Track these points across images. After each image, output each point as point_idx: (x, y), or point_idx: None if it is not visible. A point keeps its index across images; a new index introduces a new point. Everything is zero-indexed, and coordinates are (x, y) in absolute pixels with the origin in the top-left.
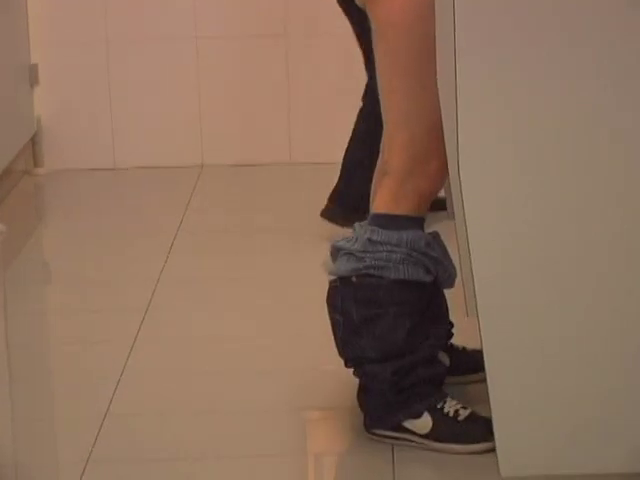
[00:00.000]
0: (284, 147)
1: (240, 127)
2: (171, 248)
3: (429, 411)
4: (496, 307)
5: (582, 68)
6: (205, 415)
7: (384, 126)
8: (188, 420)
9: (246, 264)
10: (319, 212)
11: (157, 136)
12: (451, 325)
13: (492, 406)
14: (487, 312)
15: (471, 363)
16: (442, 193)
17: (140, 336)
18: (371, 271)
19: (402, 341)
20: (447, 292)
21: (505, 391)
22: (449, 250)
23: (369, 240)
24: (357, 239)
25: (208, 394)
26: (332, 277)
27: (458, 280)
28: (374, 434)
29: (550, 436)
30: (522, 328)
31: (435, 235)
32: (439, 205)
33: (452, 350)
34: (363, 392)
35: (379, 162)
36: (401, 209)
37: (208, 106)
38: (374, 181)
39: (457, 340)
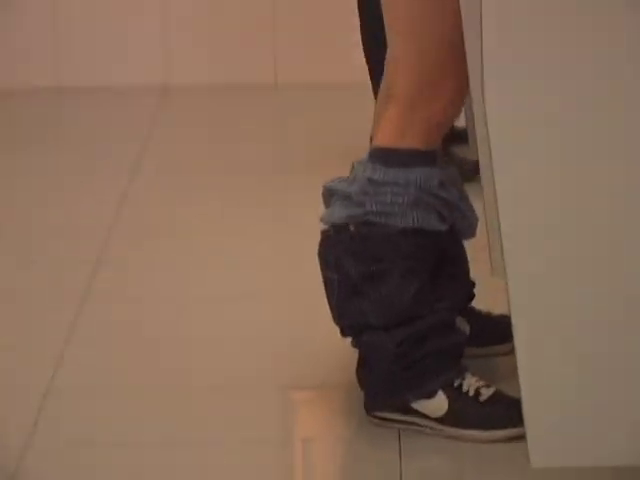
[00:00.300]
0: (268, 66)
1: (213, 40)
2: (127, 190)
3: (444, 390)
4: (528, 265)
5: None
6: (173, 392)
7: (387, 41)
8: (152, 398)
9: (222, 209)
10: (312, 143)
11: (110, 50)
12: (472, 285)
13: (521, 384)
14: (517, 270)
15: (496, 332)
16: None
17: (91, 293)
18: (372, 218)
19: (411, 304)
20: (468, 245)
21: (537, 366)
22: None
23: (369, 180)
24: (355, 179)
25: (177, 367)
26: (325, 226)
27: (482, 230)
28: (376, 417)
29: (591, 420)
30: (558, 291)
31: (451, 173)
32: (457, 137)
33: (473, 315)
34: (363, 367)
35: (382, 86)
36: (408, 142)
37: (173, 13)
38: (376, 109)
39: (480, 304)
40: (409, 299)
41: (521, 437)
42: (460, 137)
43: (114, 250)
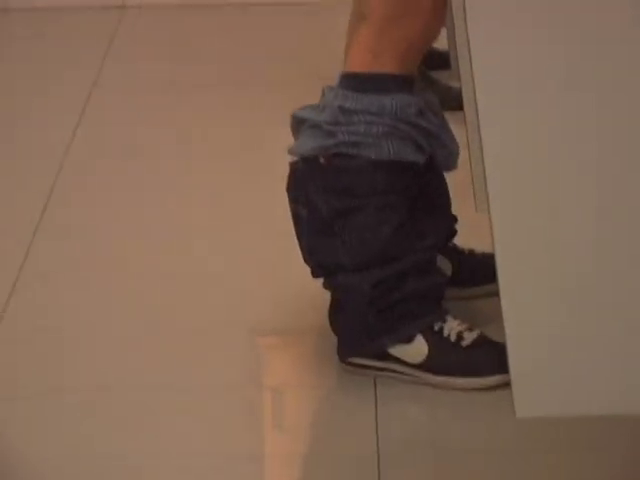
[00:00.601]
0: None
1: None
2: (82, 113)
3: (424, 334)
4: (513, 200)
5: None
6: (133, 338)
7: None
8: (111, 344)
9: (185, 130)
10: (280, 62)
11: None
12: (454, 220)
13: (506, 328)
14: (501, 205)
15: (480, 271)
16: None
17: (46, 221)
18: (344, 149)
19: (387, 242)
20: (449, 178)
21: (523, 308)
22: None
23: (341, 108)
24: (325, 107)
25: (138, 313)
26: (293, 158)
27: (464, 161)
28: (351, 364)
29: (580, 367)
30: (544, 226)
31: (429, 99)
32: (437, 61)
33: (455, 254)
34: (336, 310)
35: (353, 4)
36: (383, 65)
37: None
38: (348, 30)
39: (462, 241)
40: (386, 237)
41: (506, 385)
42: (441, 61)
43: (71, 172)
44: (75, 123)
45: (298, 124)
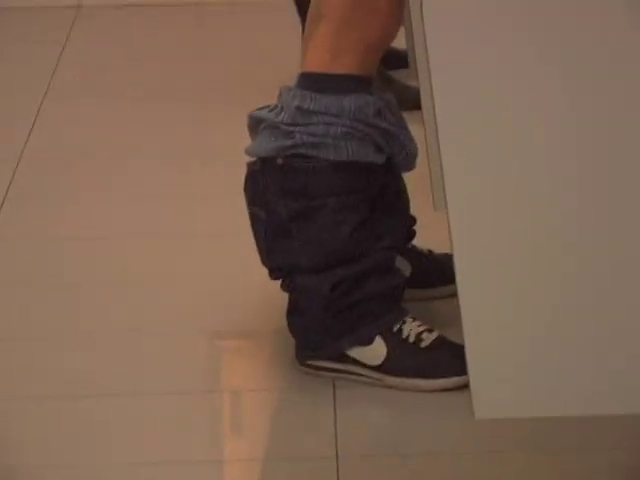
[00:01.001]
0: None
1: None
2: (39, 112)
3: (382, 335)
4: (470, 198)
5: None
6: (90, 340)
7: None
8: (67, 347)
9: (142, 136)
10: (236, 64)
11: None
12: (413, 221)
13: (464, 329)
14: (459, 205)
15: (439, 272)
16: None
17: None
18: (303, 150)
19: (345, 243)
20: (408, 177)
21: (481, 309)
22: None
23: (299, 109)
24: (283, 108)
25: (95, 316)
26: (251, 158)
27: (423, 161)
28: (309, 366)
29: (539, 368)
30: (503, 226)
31: (388, 100)
32: (396, 60)
33: (414, 255)
34: (294, 312)
35: (311, 3)
36: (341, 66)
37: None
38: (305, 30)
39: (421, 242)
40: (344, 238)
41: (465, 386)
42: (400, 60)
43: (25, 176)
44: (31, 123)
45: (255, 124)
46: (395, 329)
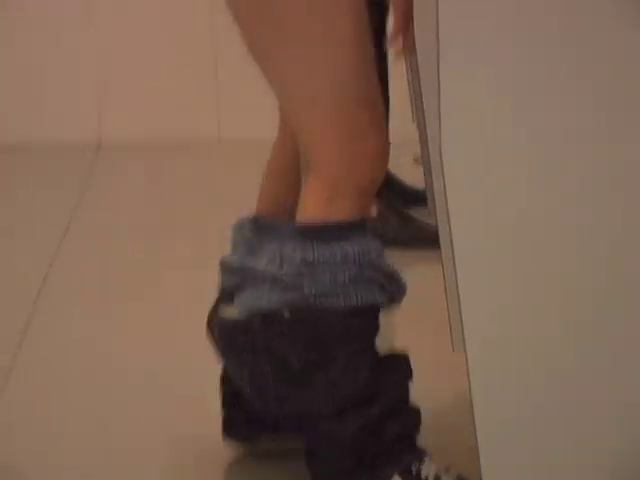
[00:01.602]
0: (211, 122)
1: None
2: (56, 255)
3: (401, 475)
4: (490, 339)
5: None
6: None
7: (288, 117)
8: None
9: (155, 276)
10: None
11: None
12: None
13: (482, 466)
14: (478, 345)
15: None
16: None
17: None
18: (312, 301)
19: (366, 383)
20: (426, 317)
21: (499, 449)
22: None
23: (304, 261)
24: (282, 260)
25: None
26: (235, 313)
27: (441, 302)
28: None
29: None
30: (519, 367)
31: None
32: (414, 198)
33: None
34: (315, 456)
35: (300, 153)
36: (339, 212)
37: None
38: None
39: (440, 381)
40: (365, 377)
41: None
42: (418, 199)
43: (41, 319)
44: (47, 264)
45: (233, 273)
46: (414, 469)
